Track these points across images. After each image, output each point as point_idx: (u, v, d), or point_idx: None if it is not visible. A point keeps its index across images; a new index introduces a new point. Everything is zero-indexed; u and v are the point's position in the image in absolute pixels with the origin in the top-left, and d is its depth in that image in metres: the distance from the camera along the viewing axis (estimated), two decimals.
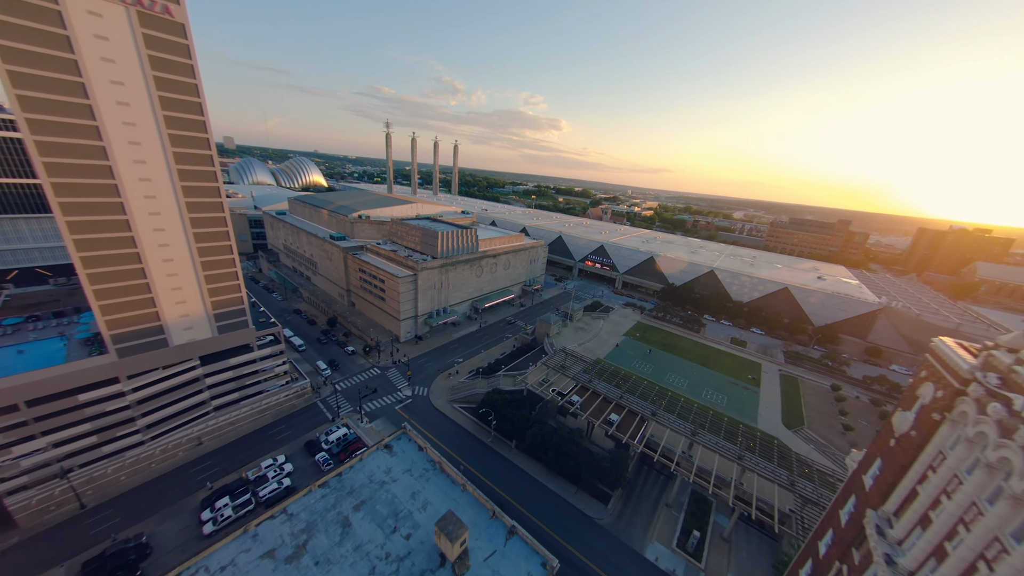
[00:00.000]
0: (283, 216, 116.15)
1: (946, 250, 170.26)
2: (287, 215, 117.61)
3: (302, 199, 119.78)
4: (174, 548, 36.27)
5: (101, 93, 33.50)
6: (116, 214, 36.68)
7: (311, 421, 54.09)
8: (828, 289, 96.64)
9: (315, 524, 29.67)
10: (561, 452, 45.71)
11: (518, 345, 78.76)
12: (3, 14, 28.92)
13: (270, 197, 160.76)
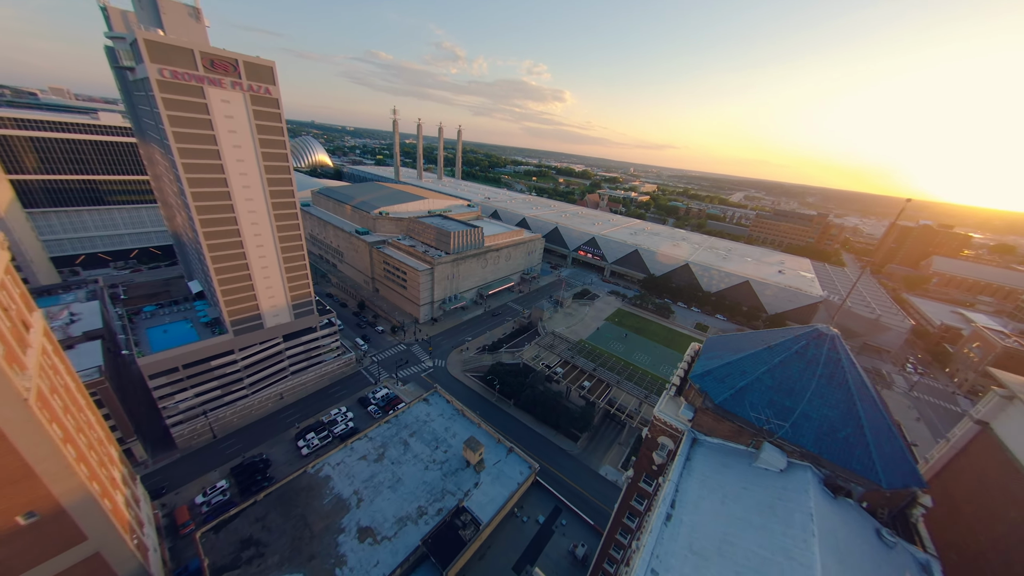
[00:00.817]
0: (308, 208, 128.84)
1: (911, 244, 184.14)
2: (311, 207, 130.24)
3: (325, 192, 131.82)
4: (284, 463, 53.75)
5: (227, 150, 47.07)
6: (235, 236, 51.15)
7: (358, 384, 71.00)
8: (782, 283, 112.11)
9: (387, 443, 46.71)
10: (546, 408, 62.88)
11: (516, 327, 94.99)
12: (172, 110, 42.15)
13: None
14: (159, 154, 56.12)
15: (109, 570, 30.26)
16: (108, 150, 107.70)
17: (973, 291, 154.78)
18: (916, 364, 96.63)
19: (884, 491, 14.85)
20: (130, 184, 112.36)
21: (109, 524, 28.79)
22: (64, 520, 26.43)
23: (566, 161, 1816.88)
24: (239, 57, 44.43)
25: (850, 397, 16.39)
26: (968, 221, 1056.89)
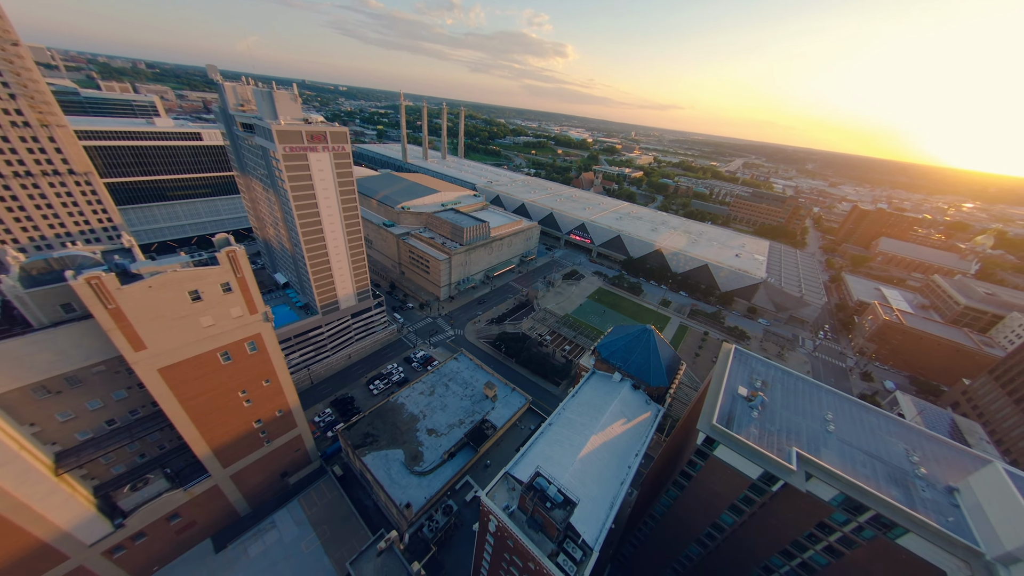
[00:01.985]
0: None
1: (867, 225, 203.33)
2: None
3: None
4: (362, 399, 79.47)
5: (318, 190, 67.22)
6: (322, 247, 72.62)
7: (401, 348, 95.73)
8: (735, 266, 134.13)
9: (434, 385, 71.82)
10: (538, 364, 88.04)
11: (516, 304, 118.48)
12: (290, 171, 61.84)
13: None
14: (259, 186, 75.86)
15: (302, 444, 55.99)
16: (170, 153, 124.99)
17: (909, 269, 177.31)
18: (827, 332, 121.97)
19: (652, 386, 38.47)
20: (187, 181, 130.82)
21: (303, 420, 54.03)
22: (288, 417, 51.38)
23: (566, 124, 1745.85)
24: (327, 130, 63.29)
25: (648, 353, 39.47)
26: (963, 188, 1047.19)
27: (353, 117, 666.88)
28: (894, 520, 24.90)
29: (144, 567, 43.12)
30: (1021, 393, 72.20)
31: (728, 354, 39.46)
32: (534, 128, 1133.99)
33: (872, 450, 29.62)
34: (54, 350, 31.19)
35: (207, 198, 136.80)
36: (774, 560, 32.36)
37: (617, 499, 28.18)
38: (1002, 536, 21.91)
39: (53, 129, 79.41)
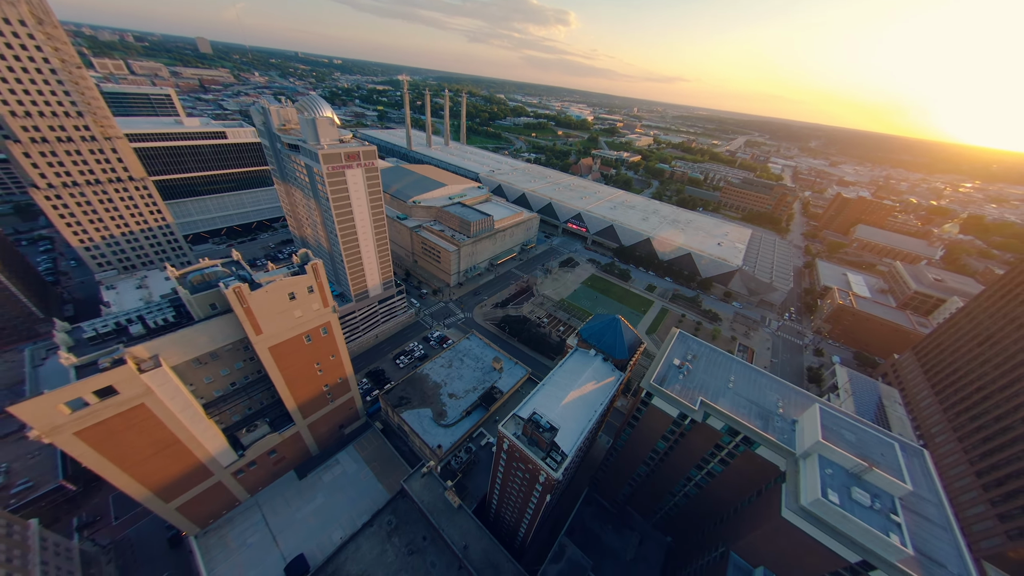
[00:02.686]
0: None
1: (848, 212, 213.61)
2: None
3: None
4: (391, 371, 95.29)
5: (353, 199, 79.64)
6: (356, 246, 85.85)
7: (419, 329, 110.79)
8: (715, 254, 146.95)
9: (452, 359, 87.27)
10: (536, 342, 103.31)
11: (517, 289, 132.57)
12: (331, 186, 74.07)
13: None
14: (299, 193, 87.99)
15: (354, 404, 71.87)
16: (198, 152, 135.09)
17: (881, 255, 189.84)
18: (792, 314, 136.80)
19: (617, 359, 53.07)
20: (215, 177, 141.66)
21: (355, 386, 69.61)
22: (345, 383, 66.75)
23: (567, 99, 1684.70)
24: (360, 150, 74.93)
25: (615, 335, 53.71)
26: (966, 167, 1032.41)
27: (351, 96, 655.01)
28: (754, 439, 40.12)
29: (254, 486, 59.83)
30: (930, 365, 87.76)
31: (673, 336, 53.94)
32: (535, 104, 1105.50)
33: (754, 399, 44.58)
34: (207, 335, 45.58)
35: (233, 192, 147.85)
36: (691, 472, 48.24)
37: (584, 430, 43.23)
38: (805, 443, 37.00)
39: (114, 141, 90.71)
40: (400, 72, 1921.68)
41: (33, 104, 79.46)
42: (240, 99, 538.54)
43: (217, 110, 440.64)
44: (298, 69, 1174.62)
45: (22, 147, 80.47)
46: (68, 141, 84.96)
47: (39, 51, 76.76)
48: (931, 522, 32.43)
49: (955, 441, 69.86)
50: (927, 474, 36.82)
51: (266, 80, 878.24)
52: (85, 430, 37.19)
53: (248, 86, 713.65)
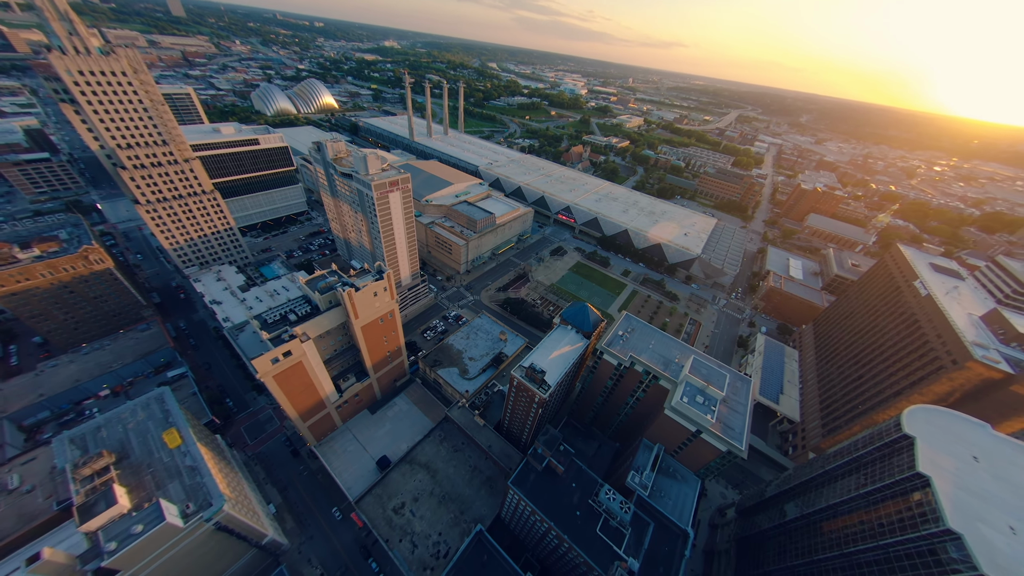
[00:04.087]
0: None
1: (805, 202, 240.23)
2: None
3: None
4: (420, 343, 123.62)
5: (394, 213, 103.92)
6: (393, 247, 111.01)
7: (438, 310, 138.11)
8: (680, 243, 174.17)
9: (469, 333, 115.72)
10: (532, 319, 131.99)
11: (515, 276, 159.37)
12: (379, 205, 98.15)
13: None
14: (347, 207, 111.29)
15: (403, 365, 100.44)
16: (236, 157, 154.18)
17: (827, 240, 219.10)
18: (739, 294, 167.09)
19: (584, 331, 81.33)
20: (251, 179, 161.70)
21: (404, 353, 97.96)
22: (399, 351, 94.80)
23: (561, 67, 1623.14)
24: (399, 178, 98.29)
25: (584, 315, 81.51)
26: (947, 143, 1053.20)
27: (341, 69, 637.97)
28: (658, 376, 69.52)
29: (345, 417, 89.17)
30: (819, 333, 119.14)
31: (621, 316, 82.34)
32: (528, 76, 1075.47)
33: (663, 354, 73.63)
34: (329, 319, 72.30)
35: (265, 191, 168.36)
36: (627, 399, 78.27)
37: (562, 372, 71.84)
38: (681, 376, 66.35)
39: (191, 162, 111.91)
40: (387, 36, 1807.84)
41: (133, 138, 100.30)
42: (229, 75, 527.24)
43: (209, 89, 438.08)
44: (279, 35, 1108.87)
45: (128, 173, 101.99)
46: (159, 165, 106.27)
47: (136, 95, 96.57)
48: (734, 411, 62.52)
49: (816, 382, 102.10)
50: (745, 390, 66.86)
51: (248, 49, 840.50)
52: (276, 375, 64.69)
53: (232, 57, 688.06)
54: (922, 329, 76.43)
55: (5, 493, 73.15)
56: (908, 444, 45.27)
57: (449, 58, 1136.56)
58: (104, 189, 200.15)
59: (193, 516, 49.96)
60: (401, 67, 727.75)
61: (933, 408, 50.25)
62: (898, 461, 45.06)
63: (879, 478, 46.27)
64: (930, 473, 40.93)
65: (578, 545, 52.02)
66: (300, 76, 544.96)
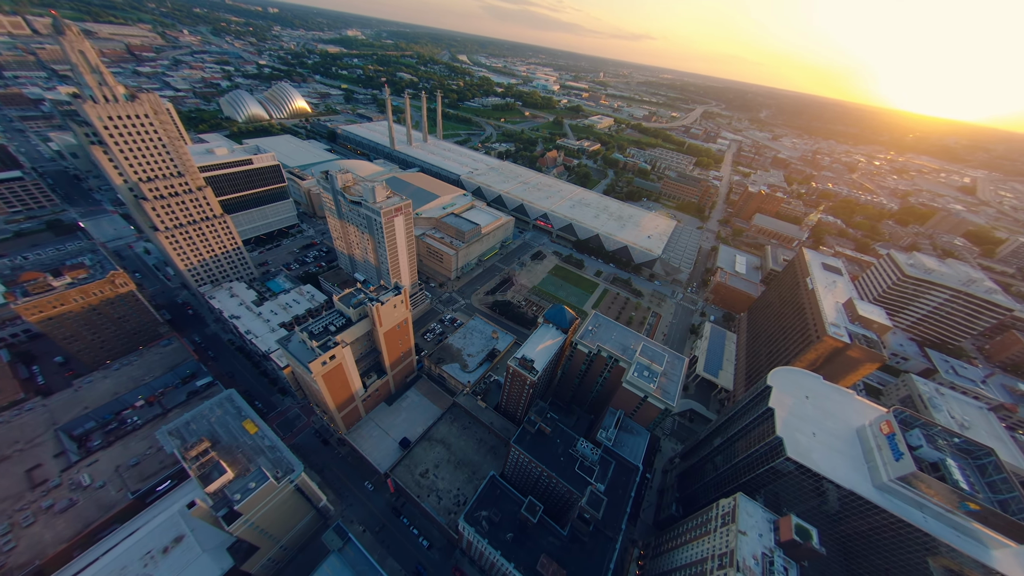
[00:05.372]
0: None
1: (752, 203, 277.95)
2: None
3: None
4: (420, 343, 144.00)
5: (398, 235, 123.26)
6: (397, 261, 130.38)
7: (435, 314, 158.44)
8: (643, 245, 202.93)
9: (465, 333, 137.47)
10: (519, 319, 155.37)
11: (501, 280, 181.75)
12: (386, 228, 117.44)
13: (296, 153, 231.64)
14: (354, 229, 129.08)
15: (413, 363, 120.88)
16: (231, 177, 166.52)
17: (770, 237, 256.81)
18: (695, 288, 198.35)
19: (561, 327, 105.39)
20: (245, 197, 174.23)
21: (414, 352, 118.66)
22: (411, 351, 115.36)
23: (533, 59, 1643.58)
24: (402, 205, 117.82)
25: (562, 315, 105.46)
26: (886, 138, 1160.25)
27: (305, 64, 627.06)
28: (619, 359, 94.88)
29: (368, 409, 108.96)
30: (751, 319, 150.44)
31: (592, 314, 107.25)
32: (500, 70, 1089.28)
33: (624, 343, 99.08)
34: (359, 328, 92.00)
35: (258, 208, 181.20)
36: (597, 379, 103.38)
37: (547, 361, 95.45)
38: (633, 357, 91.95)
39: (206, 191, 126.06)
40: (348, 25, 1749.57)
41: (153, 171, 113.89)
42: (185, 73, 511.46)
43: (165, 89, 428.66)
44: (231, 23, 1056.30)
45: (150, 203, 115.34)
46: (176, 195, 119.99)
47: (156, 133, 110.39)
48: (670, 381, 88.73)
49: (745, 358, 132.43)
50: (679, 365, 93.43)
51: (199, 40, 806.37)
52: (324, 375, 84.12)
53: (182, 50, 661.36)
54: (806, 314, 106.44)
55: (81, 489, 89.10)
56: (767, 392, 72.32)
57: (418, 51, 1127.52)
58: (81, 206, 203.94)
59: (283, 478, 69.64)
60: (369, 62, 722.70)
61: (788, 368, 78.12)
62: (761, 403, 72.02)
63: (752, 413, 73.24)
64: (775, 407, 67.78)
65: (563, 479, 76.09)
66: (263, 73, 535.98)
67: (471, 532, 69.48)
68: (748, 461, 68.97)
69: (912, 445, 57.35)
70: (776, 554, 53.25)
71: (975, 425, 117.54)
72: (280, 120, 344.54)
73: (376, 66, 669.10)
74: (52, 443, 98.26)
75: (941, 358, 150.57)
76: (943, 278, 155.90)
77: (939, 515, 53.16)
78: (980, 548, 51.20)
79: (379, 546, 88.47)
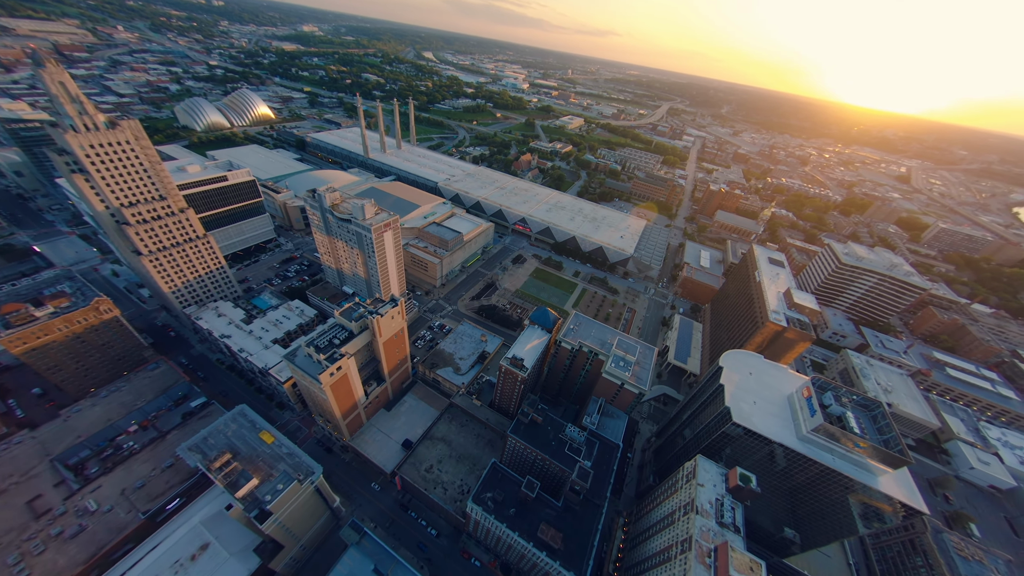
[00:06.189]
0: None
1: (714, 200, 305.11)
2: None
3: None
4: (415, 351, 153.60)
5: (387, 249, 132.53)
6: (387, 274, 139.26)
7: (424, 321, 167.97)
8: (616, 245, 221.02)
9: (455, 338, 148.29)
10: (504, 321, 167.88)
11: (485, 285, 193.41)
12: (377, 243, 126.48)
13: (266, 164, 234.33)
14: (343, 244, 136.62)
15: (408, 370, 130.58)
16: (206, 194, 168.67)
17: (731, 232, 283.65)
18: (665, 283, 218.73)
19: (545, 328, 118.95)
20: (221, 214, 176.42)
21: (409, 359, 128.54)
22: (407, 358, 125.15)
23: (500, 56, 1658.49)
24: (391, 221, 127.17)
25: (545, 316, 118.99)
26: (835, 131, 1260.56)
27: (261, 65, 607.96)
28: (599, 353, 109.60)
29: (369, 415, 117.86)
30: (714, 309, 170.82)
31: (573, 313, 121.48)
32: (467, 66, 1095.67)
33: (602, 339, 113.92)
34: (361, 340, 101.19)
35: (234, 224, 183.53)
36: (581, 372, 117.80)
37: (533, 359, 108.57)
38: (611, 350, 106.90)
39: (188, 212, 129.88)
40: (303, 19, 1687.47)
41: (135, 196, 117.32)
42: (127, 76, 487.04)
43: (106, 95, 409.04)
44: (172, 18, 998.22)
45: (133, 228, 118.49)
46: (159, 219, 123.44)
47: (138, 159, 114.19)
48: (643, 368, 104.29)
49: (709, 344, 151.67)
50: (649, 355, 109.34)
51: (137, 37, 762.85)
52: (332, 385, 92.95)
53: (119, 49, 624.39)
54: (754, 303, 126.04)
55: (89, 514, 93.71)
56: (719, 371, 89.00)
57: (381, 48, 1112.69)
58: (32, 228, 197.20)
59: (305, 480, 78.62)
60: (331, 62, 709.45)
61: (736, 351, 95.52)
62: (715, 381, 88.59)
63: (709, 390, 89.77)
64: (724, 383, 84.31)
65: (555, 460, 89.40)
66: (216, 75, 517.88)
67: (479, 512, 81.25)
68: (706, 429, 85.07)
69: (824, 404, 74.96)
70: (726, 498, 68.91)
71: (896, 389, 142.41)
72: (243, 128, 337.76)
73: (339, 66, 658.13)
74: (49, 473, 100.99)
75: (872, 334, 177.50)
76: (872, 264, 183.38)
77: (843, 455, 70.66)
78: (871, 476, 69.02)
79: (391, 539, 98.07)
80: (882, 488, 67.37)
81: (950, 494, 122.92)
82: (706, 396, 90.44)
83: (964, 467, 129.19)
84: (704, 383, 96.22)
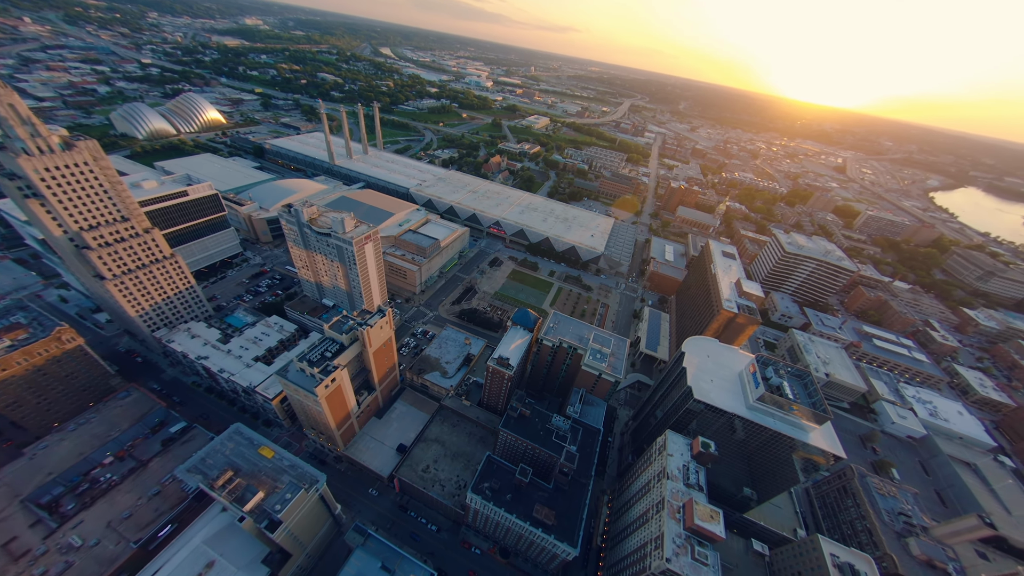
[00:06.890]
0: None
1: (675, 197, 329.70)
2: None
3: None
4: (400, 359, 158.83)
5: (368, 262, 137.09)
6: (368, 285, 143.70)
7: (407, 328, 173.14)
8: (588, 244, 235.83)
9: (440, 343, 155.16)
10: (486, 324, 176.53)
11: (464, 289, 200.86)
12: (359, 256, 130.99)
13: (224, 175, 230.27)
14: (322, 257, 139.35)
15: (397, 377, 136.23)
16: (165, 211, 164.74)
17: (692, 226, 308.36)
18: (633, 278, 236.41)
19: (526, 328, 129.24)
20: (183, 230, 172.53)
21: (397, 367, 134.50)
22: (395, 366, 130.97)
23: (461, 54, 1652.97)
24: (371, 233, 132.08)
25: (527, 317, 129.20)
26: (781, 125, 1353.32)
27: (202, 63, 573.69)
28: (578, 348, 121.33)
29: (361, 424, 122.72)
30: (679, 299, 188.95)
31: (551, 312, 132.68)
32: (428, 64, 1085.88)
33: (580, 335, 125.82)
34: (352, 351, 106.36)
35: (198, 240, 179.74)
36: (562, 367, 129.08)
37: (518, 358, 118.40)
38: (588, 344, 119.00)
39: (153, 232, 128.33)
40: (245, 11, 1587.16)
41: (95, 219, 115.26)
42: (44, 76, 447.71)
43: (27, 100, 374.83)
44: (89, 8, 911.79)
45: (95, 252, 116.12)
46: (122, 241, 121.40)
47: (96, 180, 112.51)
48: (617, 359, 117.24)
49: (676, 332, 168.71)
50: (622, 346, 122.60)
51: (49, 31, 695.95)
52: (327, 397, 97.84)
53: (28, 45, 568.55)
54: (710, 293, 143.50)
55: (74, 551, 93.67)
56: (682, 356, 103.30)
57: (335, 44, 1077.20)
58: None
59: (310, 489, 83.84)
60: (282, 59, 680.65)
61: (697, 337, 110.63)
62: (679, 364, 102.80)
63: (674, 373, 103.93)
64: (686, 366, 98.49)
65: (544, 448, 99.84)
66: (151, 75, 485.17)
67: (478, 501, 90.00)
68: (674, 407, 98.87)
69: (766, 377, 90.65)
70: (691, 463, 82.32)
71: (833, 360, 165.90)
72: (192, 135, 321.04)
73: (292, 65, 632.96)
74: (21, 515, 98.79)
75: (814, 314, 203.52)
76: (810, 252, 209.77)
77: (781, 418, 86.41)
78: (804, 433, 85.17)
79: (393, 539, 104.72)
80: (811, 441, 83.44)
81: (877, 446, 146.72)
82: (672, 379, 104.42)
83: (887, 423, 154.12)
84: (670, 367, 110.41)
